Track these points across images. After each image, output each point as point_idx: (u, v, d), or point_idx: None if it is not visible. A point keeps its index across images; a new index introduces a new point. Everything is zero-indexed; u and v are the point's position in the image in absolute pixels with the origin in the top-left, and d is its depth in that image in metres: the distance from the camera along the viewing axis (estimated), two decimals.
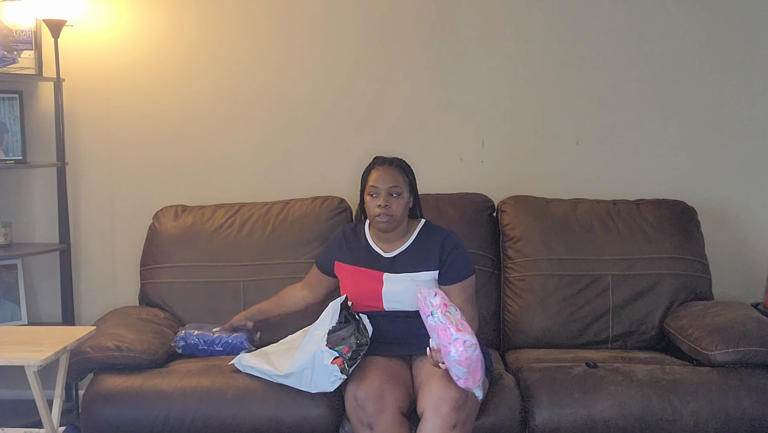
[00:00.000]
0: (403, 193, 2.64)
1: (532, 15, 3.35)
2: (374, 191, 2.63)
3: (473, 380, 2.28)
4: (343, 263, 2.74)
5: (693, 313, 2.89)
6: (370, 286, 2.64)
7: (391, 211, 2.60)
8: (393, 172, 2.65)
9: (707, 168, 3.37)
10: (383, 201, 2.60)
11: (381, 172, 2.65)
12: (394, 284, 2.62)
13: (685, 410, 2.49)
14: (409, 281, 2.61)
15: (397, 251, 2.67)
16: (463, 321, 2.30)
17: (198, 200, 3.33)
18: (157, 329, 2.87)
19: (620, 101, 3.36)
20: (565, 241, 3.08)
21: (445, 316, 2.28)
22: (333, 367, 2.38)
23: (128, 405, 2.55)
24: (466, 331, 2.26)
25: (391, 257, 2.67)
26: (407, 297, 2.59)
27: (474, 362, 2.24)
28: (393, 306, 2.62)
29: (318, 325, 2.54)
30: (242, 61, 3.41)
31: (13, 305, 3.35)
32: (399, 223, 2.65)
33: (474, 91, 3.38)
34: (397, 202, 2.62)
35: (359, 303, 2.64)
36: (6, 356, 2.34)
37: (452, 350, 2.23)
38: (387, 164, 2.68)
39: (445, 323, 2.27)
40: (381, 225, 2.62)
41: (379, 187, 2.62)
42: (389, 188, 2.61)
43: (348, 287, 2.69)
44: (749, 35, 3.32)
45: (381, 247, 2.70)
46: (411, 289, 2.58)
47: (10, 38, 3.25)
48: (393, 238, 2.69)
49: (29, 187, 3.47)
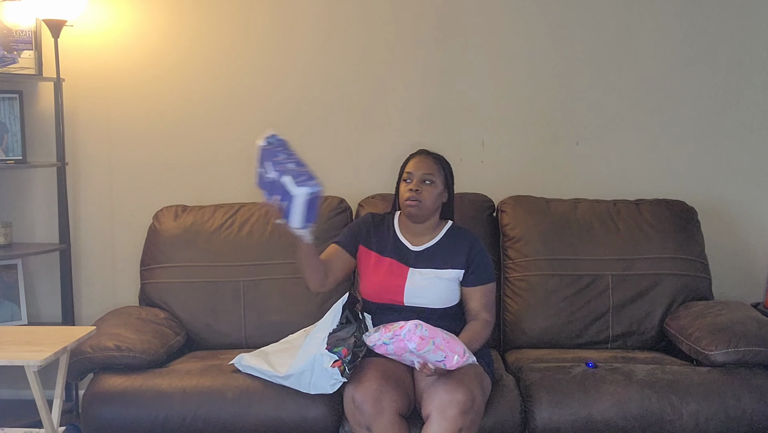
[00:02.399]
0: (436, 183, 2.63)
1: (533, 15, 3.35)
2: (408, 177, 2.64)
3: (457, 353, 2.27)
4: (368, 249, 2.70)
5: (693, 313, 2.89)
6: (394, 279, 2.61)
7: (421, 196, 2.59)
8: (430, 161, 2.66)
9: (707, 168, 3.37)
10: (415, 186, 2.60)
11: (418, 160, 2.67)
12: (419, 279, 2.60)
13: (685, 410, 2.49)
14: (434, 277, 2.60)
15: (424, 246, 2.66)
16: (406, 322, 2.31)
17: (198, 200, 3.33)
18: (157, 329, 2.87)
19: (620, 101, 3.36)
20: (565, 241, 3.08)
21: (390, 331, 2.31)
22: (333, 370, 2.38)
23: (128, 405, 2.55)
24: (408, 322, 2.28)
25: (418, 251, 2.66)
26: (430, 293, 2.59)
27: (432, 337, 2.25)
28: (414, 301, 2.60)
29: (320, 327, 2.54)
30: (242, 61, 3.41)
31: (13, 305, 3.35)
32: (428, 212, 2.64)
33: (474, 91, 3.38)
34: (429, 190, 2.61)
35: (379, 296, 2.63)
36: (6, 356, 2.34)
37: (409, 346, 2.25)
38: (425, 154, 2.69)
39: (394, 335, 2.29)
40: (409, 209, 2.61)
41: (413, 173, 2.63)
42: (423, 175, 2.62)
43: (369, 277, 2.66)
44: (749, 35, 3.32)
45: (409, 240, 2.69)
46: (435, 285, 2.59)
47: (10, 38, 3.25)
48: (421, 231, 2.68)
49: (29, 187, 3.47)
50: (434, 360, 2.28)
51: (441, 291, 2.60)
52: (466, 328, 2.58)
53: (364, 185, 3.30)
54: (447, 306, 2.62)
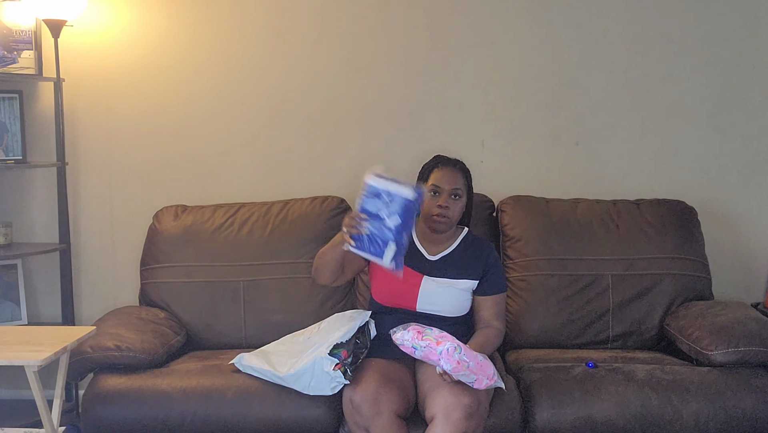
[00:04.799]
0: (462, 196, 2.61)
1: (533, 15, 3.34)
2: (436, 190, 2.59)
3: (488, 376, 2.28)
4: None
5: (693, 313, 2.89)
6: (407, 286, 2.60)
7: (449, 213, 2.57)
8: (457, 174, 2.62)
9: (707, 168, 3.37)
10: (444, 202, 2.57)
11: (445, 173, 2.61)
12: (433, 287, 2.59)
13: (685, 410, 2.49)
14: (448, 286, 2.59)
15: (440, 255, 2.64)
16: (442, 333, 2.34)
17: (198, 200, 3.33)
18: (157, 329, 2.87)
19: (620, 101, 3.36)
20: (565, 241, 3.08)
21: (425, 340, 2.32)
22: (335, 373, 2.38)
23: (128, 405, 2.55)
24: (446, 340, 2.29)
25: (434, 260, 2.64)
26: (443, 301, 2.58)
27: (468, 361, 2.25)
28: (426, 308, 2.59)
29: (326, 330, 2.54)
30: (242, 61, 3.41)
31: (13, 305, 3.35)
32: (453, 226, 2.63)
33: (474, 91, 3.38)
34: (456, 205, 2.59)
35: (391, 300, 2.62)
36: (6, 356, 2.33)
37: (443, 364, 2.26)
38: (451, 165, 2.64)
39: (427, 346, 2.30)
40: (437, 225, 2.58)
41: (442, 188, 2.58)
42: (452, 189, 2.58)
43: (382, 281, 2.64)
44: (750, 36, 3.31)
45: (426, 247, 2.66)
46: (449, 294, 2.58)
47: (10, 38, 3.25)
48: (440, 240, 2.65)
49: (29, 187, 3.47)
50: (464, 380, 2.29)
51: (454, 300, 2.59)
52: (480, 333, 2.59)
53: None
54: (459, 315, 2.62)
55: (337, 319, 2.65)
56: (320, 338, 2.55)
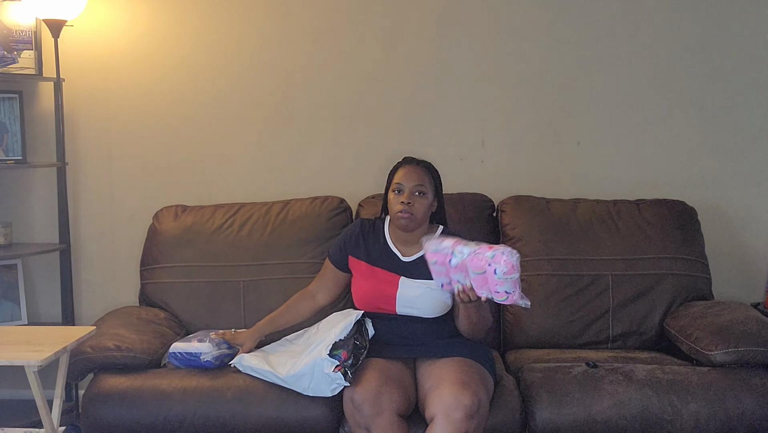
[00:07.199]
0: (427, 193, 2.61)
1: (533, 15, 3.35)
2: (399, 188, 2.60)
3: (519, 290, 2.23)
4: (358, 259, 2.69)
5: (693, 313, 2.89)
6: (385, 289, 2.60)
7: (413, 209, 2.57)
8: (420, 171, 2.62)
9: (707, 168, 3.37)
10: (407, 198, 2.57)
11: (408, 170, 2.63)
12: (410, 289, 2.58)
13: (685, 410, 2.49)
14: (425, 288, 2.57)
15: (415, 256, 2.63)
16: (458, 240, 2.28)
17: (198, 200, 3.33)
18: (157, 329, 2.87)
19: (620, 101, 3.36)
20: (565, 241, 3.08)
21: (467, 246, 2.26)
22: (335, 375, 2.38)
23: (128, 405, 2.55)
24: (496, 246, 2.23)
25: (409, 261, 2.64)
26: (422, 303, 2.57)
27: (518, 268, 2.20)
28: (406, 311, 2.59)
29: (324, 329, 2.54)
30: (242, 61, 3.41)
31: (13, 305, 3.35)
32: (419, 223, 2.61)
33: (474, 91, 3.38)
34: (420, 202, 2.59)
35: (371, 304, 2.62)
36: (6, 356, 2.34)
37: (497, 268, 2.19)
38: (415, 164, 2.66)
39: (472, 251, 2.24)
40: (401, 222, 2.58)
41: (404, 185, 2.59)
42: (414, 186, 2.59)
43: (360, 286, 2.66)
44: (750, 36, 3.32)
45: (400, 249, 2.66)
46: (426, 296, 2.56)
47: (10, 38, 3.25)
48: (412, 240, 2.64)
49: (29, 187, 3.47)
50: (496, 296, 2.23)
51: (434, 301, 2.58)
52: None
53: (364, 185, 3.30)
54: (440, 315, 2.61)
55: (334, 317, 2.65)
56: (319, 338, 2.55)
